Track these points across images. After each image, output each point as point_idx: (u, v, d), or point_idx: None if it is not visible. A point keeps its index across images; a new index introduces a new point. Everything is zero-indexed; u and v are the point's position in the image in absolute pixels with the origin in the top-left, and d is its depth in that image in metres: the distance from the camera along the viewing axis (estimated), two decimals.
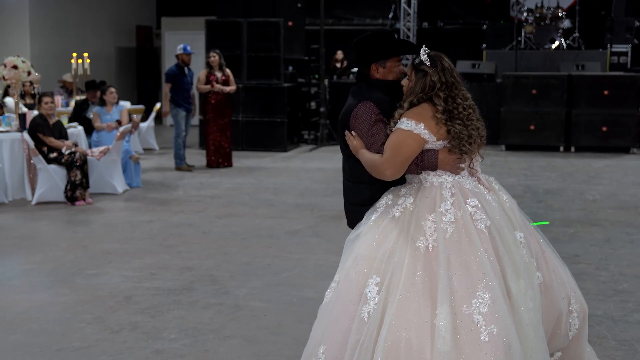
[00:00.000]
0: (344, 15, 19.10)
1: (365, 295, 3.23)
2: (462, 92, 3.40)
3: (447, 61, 3.43)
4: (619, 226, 7.68)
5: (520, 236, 3.35)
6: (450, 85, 3.38)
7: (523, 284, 3.21)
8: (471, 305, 3.06)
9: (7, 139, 8.96)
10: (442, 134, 3.36)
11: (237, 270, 6.15)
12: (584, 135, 13.48)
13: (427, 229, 3.24)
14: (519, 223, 3.42)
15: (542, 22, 15.97)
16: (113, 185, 9.38)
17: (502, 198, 3.47)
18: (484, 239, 3.20)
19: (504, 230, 3.30)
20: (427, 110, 3.36)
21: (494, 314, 3.05)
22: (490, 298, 3.07)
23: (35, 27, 15.22)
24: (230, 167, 11.67)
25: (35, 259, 6.52)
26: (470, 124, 3.38)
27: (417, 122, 3.32)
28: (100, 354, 4.47)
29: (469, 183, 3.40)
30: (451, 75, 3.39)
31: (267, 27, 13.77)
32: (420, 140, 3.34)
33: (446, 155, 3.38)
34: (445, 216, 3.24)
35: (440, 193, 3.33)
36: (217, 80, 11.40)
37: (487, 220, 3.25)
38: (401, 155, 3.34)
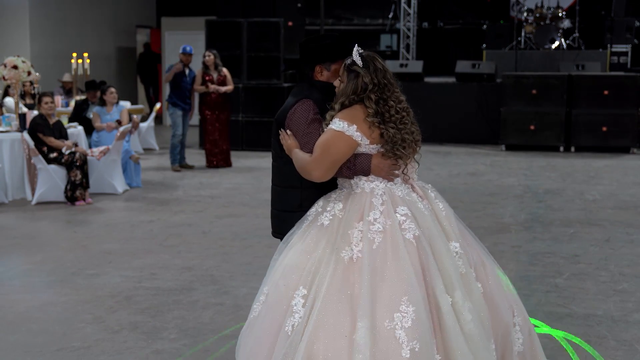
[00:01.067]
0: (344, 15, 19.10)
1: (291, 307, 3.10)
2: (395, 94, 3.28)
3: (381, 62, 3.32)
4: (619, 226, 7.68)
5: (456, 246, 3.22)
6: (383, 87, 3.26)
7: (459, 295, 3.08)
8: (393, 319, 2.92)
9: (7, 139, 8.96)
10: (375, 137, 3.23)
11: (237, 270, 6.15)
12: (584, 135, 13.48)
13: (353, 239, 3.12)
14: (454, 233, 3.29)
15: (542, 22, 15.96)
16: (113, 185, 9.38)
17: (438, 207, 3.34)
18: (411, 250, 3.07)
19: (436, 240, 3.17)
20: (360, 112, 3.24)
21: (417, 329, 2.91)
22: (413, 312, 2.93)
23: (35, 27, 15.22)
24: (229, 167, 11.66)
25: (35, 259, 6.52)
26: (404, 127, 3.26)
27: (349, 124, 3.20)
28: (100, 354, 4.47)
29: (400, 190, 3.26)
30: (384, 77, 3.27)
31: (267, 27, 13.77)
32: (352, 143, 3.21)
33: (380, 161, 3.25)
34: (374, 225, 3.11)
35: (370, 201, 3.20)
36: (212, 80, 11.39)
37: (415, 230, 3.12)
38: (330, 156, 3.21)
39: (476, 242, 3.42)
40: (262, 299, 3.30)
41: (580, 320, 4.94)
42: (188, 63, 11.48)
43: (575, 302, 5.31)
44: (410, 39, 16.70)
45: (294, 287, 3.15)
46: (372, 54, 3.35)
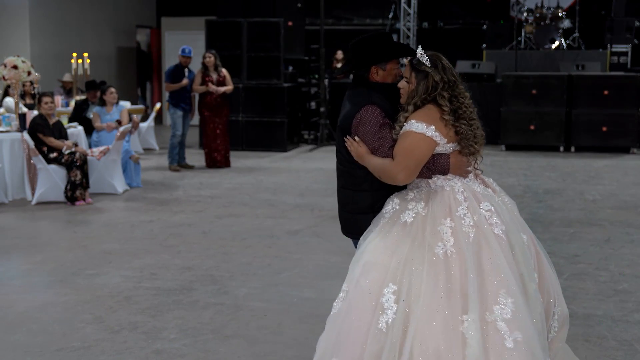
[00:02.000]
0: (344, 15, 19.10)
1: (381, 304, 3.11)
2: (462, 90, 3.32)
3: (446, 60, 3.35)
4: (619, 226, 7.68)
5: (524, 238, 3.30)
6: (452, 84, 3.29)
7: (533, 287, 3.18)
8: (493, 312, 3.00)
9: (7, 139, 8.96)
10: (451, 135, 3.28)
11: (237, 270, 6.15)
12: (584, 135, 13.48)
13: (444, 234, 3.15)
14: (522, 225, 3.38)
15: (542, 22, 15.96)
16: (113, 185, 9.38)
17: (504, 200, 3.41)
18: (503, 244, 3.15)
19: (515, 233, 3.25)
20: (435, 112, 3.27)
21: (517, 320, 2.98)
22: (512, 304, 3.00)
23: (35, 27, 15.22)
24: (229, 168, 11.66)
25: (35, 259, 6.52)
26: (474, 123, 3.31)
27: (427, 125, 3.23)
28: (100, 354, 4.47)
29: (477, 186, 3.34)
30: (452, 74, 3.31)
31: (267, 27, 13.77)
32: (433, 143, 3.25)
33: (458, 159, 3.31)
34: (465, 220, 3.17)
35: (455, 197, 3.25)
36: (212, 80, 11.40)
37: (502, 225, 3.20)
38: (414, 158, 3.24)
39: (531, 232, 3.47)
40: (341, 296, 3.32)
41: (580, 320, 4.94)
42: (187, 64, 11.48)
43: (575, 302, 5.31)
44: (410, 39, 16.70)
45: (378, 284, 3.16)
46: (436, 53, 3.36)
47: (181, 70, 11.44)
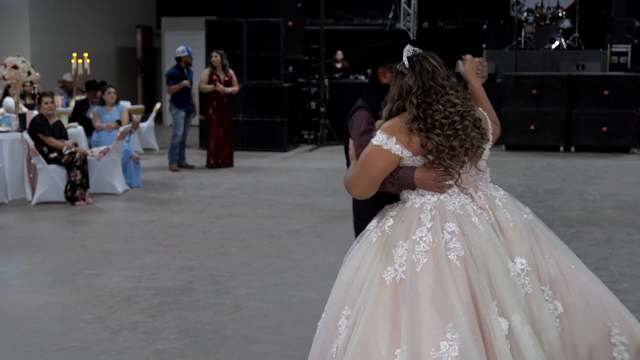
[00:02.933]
0: (344, 15, 19.09)
1: (337, 328, 2.95)
2: (446, 97, 2.94)
3: (432, 62, 2.98)
4: (619, 226, 7.68)
5: (522, 263, 2.91)
6: (428, 89, 2.92)
7: (517, 318, 2.78)
8: (439, 348, 2.67)
9: (7, 139, 8.96)
10: (414, 147, 2.92)
11: (237, 270, 6.15)
12: (584, 135, 13.48)
13: (397, 258, 2.87)
14: (523, 246, 2.96)
15: (542, 22, 15.96)
16: (113, 185, 9.38)
17: (504, 217, 3.01)
18: (456, 272, 2.79)
19: (491, 258, 2.86)
20: (401, 121, 2.94)
21: (464, 357, 2.67)
22: (459, 339, 2.68)
23: (35, 27, 15.22)
24: (230, 167, 11.67)
25: (35, 259, 6.52)
26: (454, 134, 2.91)
27: (388, 136, 2.91)
28: (100, 354, 4.47)
29: (453, 204, 2.96)
30: (431, 78, 2.93)
31: (267, 27, 13.77)
32: (391, 157, 2.93)
33: (423, 174, 2.95)
34: (419, 245, 2.85)
35: (419, 217, 2.93)
36: (220, 80, 11.41)
37: (461, 250, 2.82)
38: (368, 173, 2.97)
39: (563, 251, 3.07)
40: (323, 316, 3.15)
41: None
42: (189, 64, 11.48)
43: None
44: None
45: (339, 307, 2.99)
46: (425, 53, 3.03)
47: (182, 71, 11.43)
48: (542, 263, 2.96)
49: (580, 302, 2.94)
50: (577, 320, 2.92)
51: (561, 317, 2.90)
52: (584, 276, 3.01)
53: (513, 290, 2.84)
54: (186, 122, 11.51)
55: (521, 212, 3.09)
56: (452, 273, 2.79)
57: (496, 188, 3.14)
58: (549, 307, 2.89)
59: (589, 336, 2.92)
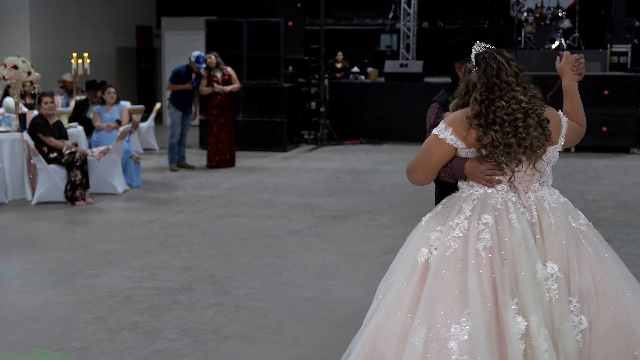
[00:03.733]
0: (344, 15, 19.10)
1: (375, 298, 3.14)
2: (510, 94, 2.98)
3: (500, 59, 3.03)
4: (619, 226, 7.68)
5: (553, 268, 2.90)
6: (492, 86, 2.98)
7: (535, 320, 2.80)
8: (450, 330, 2.80)
9: (7, 139, 8.96)
10: (470, 140, 3.00)
11: (237, 270, 6.15)
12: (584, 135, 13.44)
13: (433, 241, 3.02)
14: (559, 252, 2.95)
15: (542, 22, 15.96)
16: (113, 185, 9.38)
17: (547, 221, 3.01)
18: (480, 263, 2.88)
19: (520, 256, 2.89)
20: (463, 114, 3.04)
21: (470, 345, 2.77)
22: (472, 326, 2.78)
23: (35, 27, 15.22)
24: (232, 167, 11.66)
25: (35, 259, 6.52)
26: (513, 130, 2.95)
27: (446, 127, 3.03)
28: (100, 354, 4.47)
29: (496, 198, 3.02)
30: (496, 76, 2.99)
31: (267, 27, 13.77)
32: (445, 146, 3.03)
33: (473, 165, 3.03)
34: (454, 231, 2.97)
35: (461, 205, 3.05)
36: (218, 80, 11.41)
37: (489, 242, 2.90)
38: (424, 160, 3.09)
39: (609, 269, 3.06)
40: None
41: None
42: (195, 71, 11.46)
43: None
44: (410, 39, 16.69)
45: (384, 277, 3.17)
46: (493, 50, 3.09)
47: (190, 74, 11.41)
48: (575, 274, 2.94)
49: (608, 323, 2.90)
50: (600, 340, 2.88)
51: (584, 333, 2.88)
52: (624, 300, 2.95)
53: (536, 291, 2.85)
54: (184, 122, 11.50)
55: (574, 220, 3.11)
56: (477, 262, 2.87)
57: (552, 192, 3.15)
58: (573, 319, 2.88)
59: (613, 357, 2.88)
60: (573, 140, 3.26)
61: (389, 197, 9.19)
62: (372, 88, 15.11)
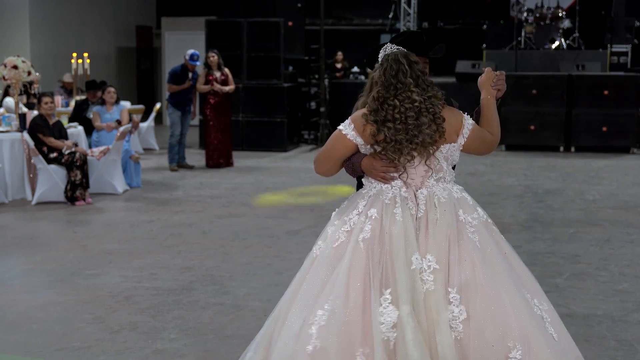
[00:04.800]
0: (344, 15, 19.09)
1: None
2: (405, 94, 3.10)
3: (401, 61, 3.15)
4: (619, 226, 7.68)
5: (429, 260, 2.99)
6: (389, 85, 3.11)
7: (406, 310, 2.89)
8: (316, 315, 2.97)
9: (7, 139, 8.96)
10: (366, 136, 3.13)
11: (237, 270, 6.15)
12: (584, 135, 13.48)
13: (329, 235, 3.18)
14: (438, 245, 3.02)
15: (542, 22, 15.95)
16: (113, 185, 9.38)
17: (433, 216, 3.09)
18: (357, 253, 3.02)
19: (397, 249, 2.99)
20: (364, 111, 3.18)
21: (327, 329, 2.92)
22: (331, 311, 2.94)
23: (35, 27, 15.22)
24: (230, 167, 11.67)
25: (35, 259, 6.52)
26: (403, 128, 3.07)
27: (350, 123, 3.17)
28: (100, 354, 4.47)
29: (389, 194, 3.13)
30: (394, 76, 3.12)
31: (267, 27, 13.78)
32: (346, 142, 3.17)
33: (369, 162, 3.16)
34: (345, 225, 3.12)
35: (358, 201, 3.19)
36: (216, 80, 11.41)
37: (368, 233, 3.03)
38: (327, 152, 3.26)
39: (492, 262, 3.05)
40: None
41: (580, 320, 4.94)
42: (191, 70, 11.47)
43: (575, 302, 5.31)
44: None
45: None
46: (398, 52, 3.21)
47: (186, 73, 11.42)
48: (455, 265, 3.01)
49: (483, 314, 2.95)
50: (476, 330, 2.93)
51: (464, 323, 2.93)
52: (504, 293, 2.98)
53: (410, 282, 2.95)
54: (184, 121, 11.50)
55: (467, 215, 3.13)
56: (353, 253, 3.03)
57: (446, 188, 3.18)
58: (453, 309, 2.94)
59: (485, 350, 2.92)
60: (481, 144, 3.27)
61: None
62: None
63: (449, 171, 3.22)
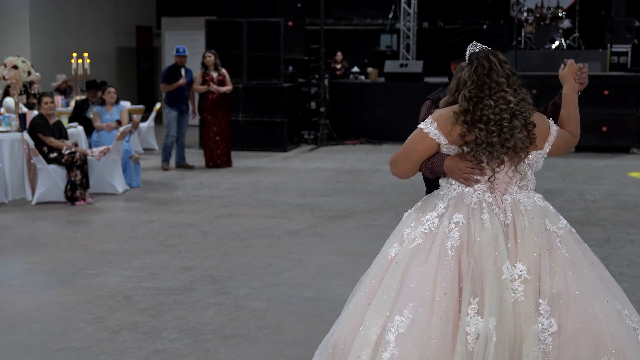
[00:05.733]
0: (344, 15, 19.10)
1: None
2: (499, 94, 2.99)
3: (492, 59, 3.04)
4: (619, 226, 7.68)
5: (521, 269, 2.87)
6: (482, 84, 2.99)
7: (492, 322, 2.78)
8: (393, 321, 2.83)
9: (7, 139, 8.96)
10: (454, 136, 3.00)
11: (237, 270, 6.15)
12: (584, 135, 13.21)
13: (405, 237, 3.04)
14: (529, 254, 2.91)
15: (542, 22, 15.96)
16: (113, 185, 9.38)
17: (521, 223, 2.97)
18: (445, 260, 2.88)
19: (486, 256, 2.87)
20: (451, 110, 3.04)
21: (407, 338, 2.79)
22: (412, 320, 2.81)
23: (35, 27, 15.22)
24: (229, 167, 11.67)
25: (35, 259, 6.52)
26: (497, 130, 2.95)
27: (432, 122, 3.03)
28: (100, 354, 4.47)
29: (472, 197, 3.02)
30: (487, 75, 3.00)
31: (267, 27, 13.78)
32: (429, 141, 3.04)
33: (453, 162, 3.04)
34: (423, 226, 3.00)
35: (436, 203, 3.07)
36: (213, 80, 11.41)
37: (457, 241, 2.90)
38: (406, 152, 3.11)
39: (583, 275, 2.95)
40: None
41: None
42: (183, 64, 11.48)
43: None
44: (410, 39, 16.70)
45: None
46: (488, 51, 3.11)
47: (177, 70, 11.43)
48: (546, 276, 2.89)
49: (575, 328, 2.83)
50: (568, 344, 2.82)
51: (554, 336, 2.83)
52: (597, 305, 2.88)
53: (499, 292, 2.83)
54: (181, 122, 11.51)
55: (552, 224, 3.04)
56: (439, 259, 2.88)
57: (530, 196, 3.08)
58: (542, 321, 2.83)
59: None
60: (562, 149, 3.20)
61: (389, 197, 9.19)
62: (372, 88, 15.11)
63: (532, 179, 3.12)
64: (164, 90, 11.51)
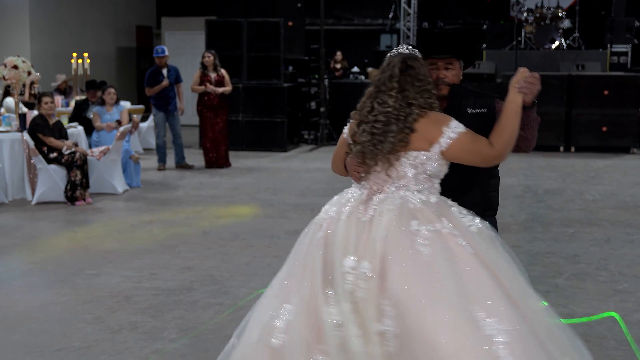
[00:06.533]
0: (344, 15, 19.10)
1: None
2: (383, 97, 3.05)
3: (396, 64, 3.07)
4: (619, 226, 7.68)
5: (365, 267, 2.86)
6: (379, 86, 3.09)
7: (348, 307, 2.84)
8: (283, 309, 3.02)
9: (7, 139, 8.96)
10: (352, 134, 3.18)
11: (237, 270, 6.15)
12: (584, 135, 13.48)
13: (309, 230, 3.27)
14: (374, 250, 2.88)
15: (542, 22, 15.96)
16: (113, 185, 9.38)
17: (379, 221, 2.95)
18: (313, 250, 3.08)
19: (336, 251, 2.96)
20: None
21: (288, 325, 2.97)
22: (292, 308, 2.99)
23: (35, 27, 15.22)
24: (228, 167, 11.67)
25: (35, 259, 6.52)
26: (369, 130, 3.05)
27: (349, 121, 3.25)
28: (100, 354, 4.46)
29: (348, 194, 3.19)
30: (387, 79, 3.07)
31: (267, 27, 13.78)
32: (342, 139, 3.30)
33: (349, 160, 3.25)
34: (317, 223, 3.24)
35: (336, 197, 3.29)
36: (210, 80, 11.41)
37: (321, 232, 3.10)
38: (335, 152, 3.38)
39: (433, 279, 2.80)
40: None
41: None
42: (164, 64, 11.43)
43: (575, 302, 5.31)
44: (410, 39, 16.70)
45: None
46: (404, 55, 3.13)
47: (159, 72, 11.39)
48: (392, 277, 2.82)
49: (414, 333, 2.75)
50: (405, 349, 2.75)
51: (395, 338, 2.77)
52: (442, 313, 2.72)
53: (341, 282, 2.90)
54: (171, 122, 11.49)
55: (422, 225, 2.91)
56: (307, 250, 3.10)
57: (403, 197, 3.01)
58: (386, 322, 2.78)
59: None
60: (471, 157, 3.06)
61: None
62: None
63: (415, 180, 3.03)
64: (148, 94, 11.46)
